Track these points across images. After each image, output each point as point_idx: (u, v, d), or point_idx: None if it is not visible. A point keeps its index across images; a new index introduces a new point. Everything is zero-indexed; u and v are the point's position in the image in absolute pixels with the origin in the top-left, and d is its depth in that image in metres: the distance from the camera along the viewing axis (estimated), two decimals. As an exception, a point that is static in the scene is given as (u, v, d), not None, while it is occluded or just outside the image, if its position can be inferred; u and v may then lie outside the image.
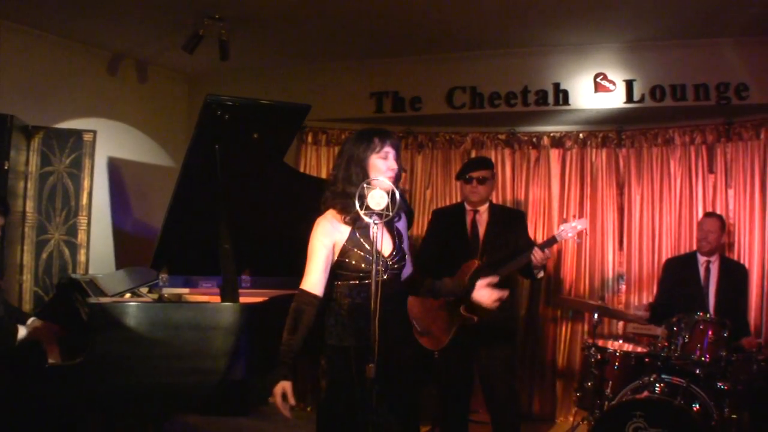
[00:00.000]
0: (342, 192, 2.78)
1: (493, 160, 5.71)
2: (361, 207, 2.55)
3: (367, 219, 2.57)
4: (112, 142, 5.53)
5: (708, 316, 4.06)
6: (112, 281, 3.75)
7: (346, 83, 5.86)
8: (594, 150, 5.64)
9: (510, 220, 4.34)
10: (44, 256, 4.75)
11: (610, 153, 5.60)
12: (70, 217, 4.79)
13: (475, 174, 4.26)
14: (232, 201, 3.54)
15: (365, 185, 2.60)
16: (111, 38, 5.30)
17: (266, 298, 3.57)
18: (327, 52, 5.62)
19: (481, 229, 4.26)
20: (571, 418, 5.24)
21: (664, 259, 5.23)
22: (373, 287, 2.55)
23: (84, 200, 4.82)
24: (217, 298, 3.99)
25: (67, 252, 4.77)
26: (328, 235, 2.78)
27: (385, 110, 5.76)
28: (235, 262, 3.44)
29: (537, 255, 3.89)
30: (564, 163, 5.73)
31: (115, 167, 5.60)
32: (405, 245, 2.91)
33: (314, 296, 2.80)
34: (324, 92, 5.81)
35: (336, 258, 2.78)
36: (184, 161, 3.65)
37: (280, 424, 5.37)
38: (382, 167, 2.77)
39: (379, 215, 2.57)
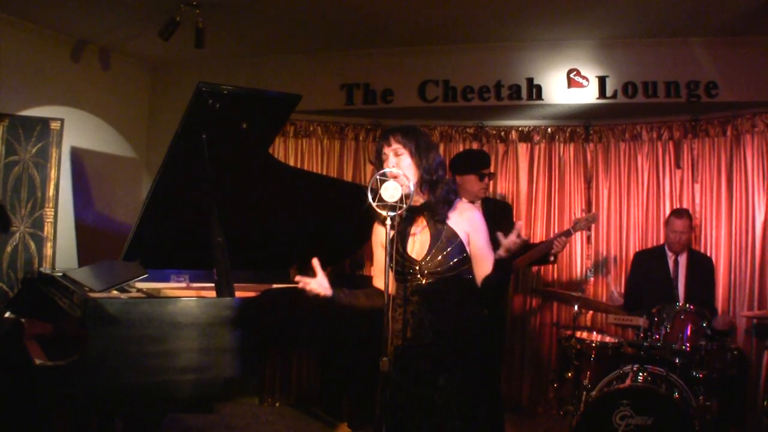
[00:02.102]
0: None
1: (461, 153, 5.80)
2: (373, 200, 2.48)
3: (383, 213, 2.50)
4: (75, 130, 5.30)
5: (688, 306, 4.17)
6: (91, 276, 3.58)
7: (316, 74, 5.77)
8: (562, 145, 5.73)
9: (501, 212, 4.40)
10: (8, 249, 4.53)
11: (577, 148, 5.71)
12: (36, 208, 4.58)
13: (486, 171, 4.28)
14: (221, 193, 3.45)
15: (378, 177, 2.53)
16: (76, 23, 5.07)
17: (258, 293, 3.50)
18: (298, 42, 5.52)
19: None
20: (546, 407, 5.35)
21: (631, 252, 5.37)
22: (386, 288, 2.47)
23: (50, 191, 4.62)
24: (194, 293, 3.93)
25: (33, 245, 4.56)
26: (377, 238, 2.82)
27: (356, 102, 5.70)
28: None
29: (559, 243, 4.18)
30: (532, 157, 5.80)
31: (77, 157, 5.37)
32: (462, 246, 2.64)
33: (380, 290, 2.77)
34: (293, 83, 5.70)
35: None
36: (168, 151, 3.53)
37: (250, 420, 5.29)
38: None
39: (392, 208, 2.49)
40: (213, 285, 4.12)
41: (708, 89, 4.95)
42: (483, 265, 2.68)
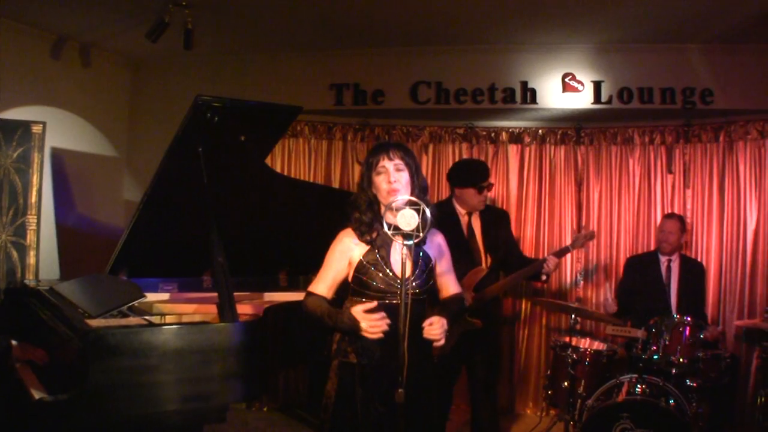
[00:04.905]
0: (353, 218, 2.75)
1: (451, 154, 5.76)
2: (388, 228, 2.47)
3: (397, 242, 2.50)
4: (54, 130, 5.07)
5: (686, 318, 4.18)
6: (85, 297, 3.42)
7: (305, 73, 5.62)
8: (552, 147, 5.68)
9: (498, 219, 4.36)
10: (-10, 258, 4.36)
11: (568, 150, 5.65)
12: (18, 216, 4.39)
13: (485, 183, 4.21)
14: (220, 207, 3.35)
15: (389, 208, 2.57)
16: (57, 18, 4.84)
17: (260, 313, 3.41)
18: (286, 41, 5.36)
19: (477, 232, 4.25)
20: (540, 413, 5.36)
21: (621, 256, 5.38)
22: (402, 310, 2.44)
23: (33, 198, 4.42)
24: (183, 306, 3.83)
25: (15, 254, 4.38)
26: (344, 250, 2.74)
27: (346, 103, 5.57)
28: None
29: (551, 263, 4.04)
30: (522, 158, 5.74)
31: (58, 158, 5.18)
32: (432, 269, 2.77)
33: (323, 297, 2.77)
34: (281, 82, 5.60)
35: (353, 274, 2.72)
36: (161, 163, 3.42)
37: (239, 426, 5.21)
38: (383, 187, 2.69)
39: (407, 237, 2.45)
40: (202, 294, 4.07)
41: (703, 96, 4.95)
42: (446, 287, 2.85)
